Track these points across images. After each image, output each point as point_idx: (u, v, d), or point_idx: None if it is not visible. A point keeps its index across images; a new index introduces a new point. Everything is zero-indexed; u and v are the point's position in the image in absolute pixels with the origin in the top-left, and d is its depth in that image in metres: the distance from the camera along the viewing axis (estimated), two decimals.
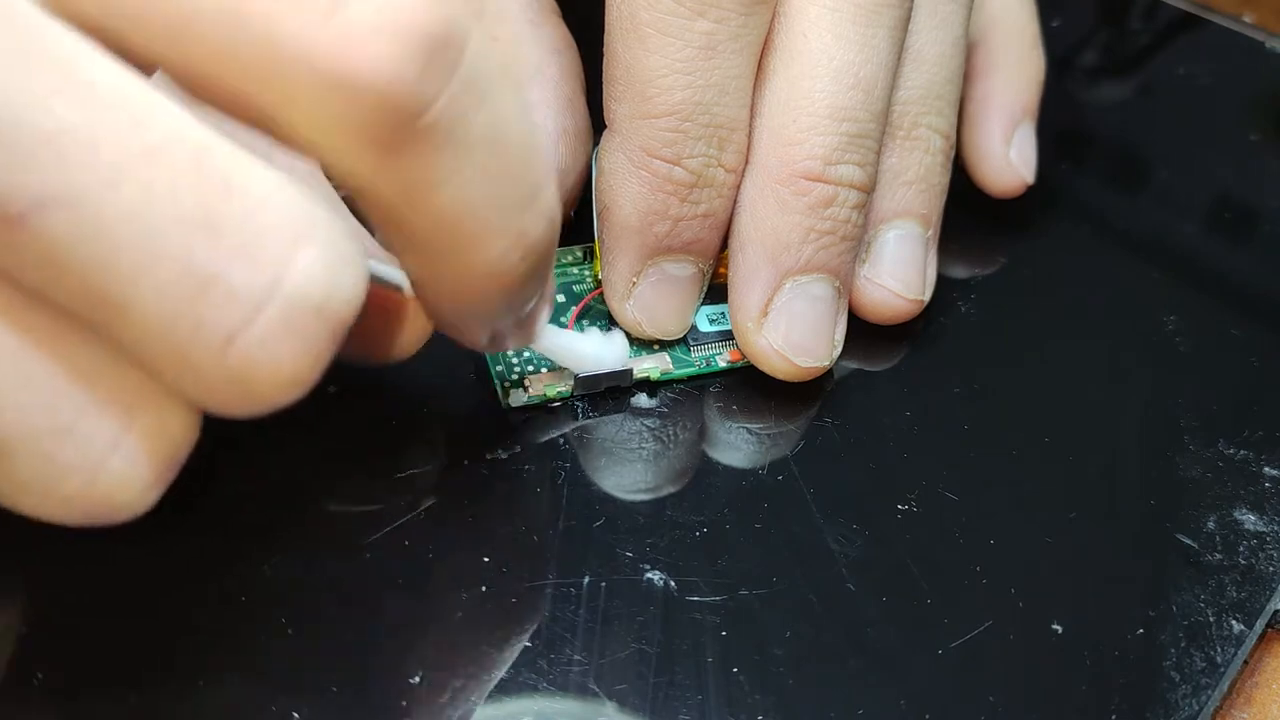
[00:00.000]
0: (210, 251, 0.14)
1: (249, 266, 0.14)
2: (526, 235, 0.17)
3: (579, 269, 0.25)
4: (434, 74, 0.15)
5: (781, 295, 0.22)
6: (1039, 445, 0.23)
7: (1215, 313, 0.27)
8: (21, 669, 0.18)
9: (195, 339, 0.14)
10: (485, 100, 0.16)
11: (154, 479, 0.16)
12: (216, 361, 0.14)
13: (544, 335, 0.20)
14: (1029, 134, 0.28)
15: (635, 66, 0.21)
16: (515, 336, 0.19)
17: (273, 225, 0.14)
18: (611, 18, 0.22)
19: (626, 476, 0.21)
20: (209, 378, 0.14)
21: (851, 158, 0.22)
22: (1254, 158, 0.32)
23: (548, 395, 0.22)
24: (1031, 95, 0.28)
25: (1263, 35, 0.35)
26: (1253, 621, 0.20)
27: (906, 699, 0.19)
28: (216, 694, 0.18)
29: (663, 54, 0.21)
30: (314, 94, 0.14)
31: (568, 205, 0.25)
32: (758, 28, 0.22)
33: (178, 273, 0.14)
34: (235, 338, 0.14)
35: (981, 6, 0.27)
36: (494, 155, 0.16)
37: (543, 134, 0.17)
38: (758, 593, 0.20)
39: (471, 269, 0.17)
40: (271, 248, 0.14)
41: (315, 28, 0.14)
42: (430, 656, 0.18)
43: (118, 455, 0.15)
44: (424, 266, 0.17)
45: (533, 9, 0.25)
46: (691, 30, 0.21)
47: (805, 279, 0.22)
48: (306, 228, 0.14)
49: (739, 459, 0.22)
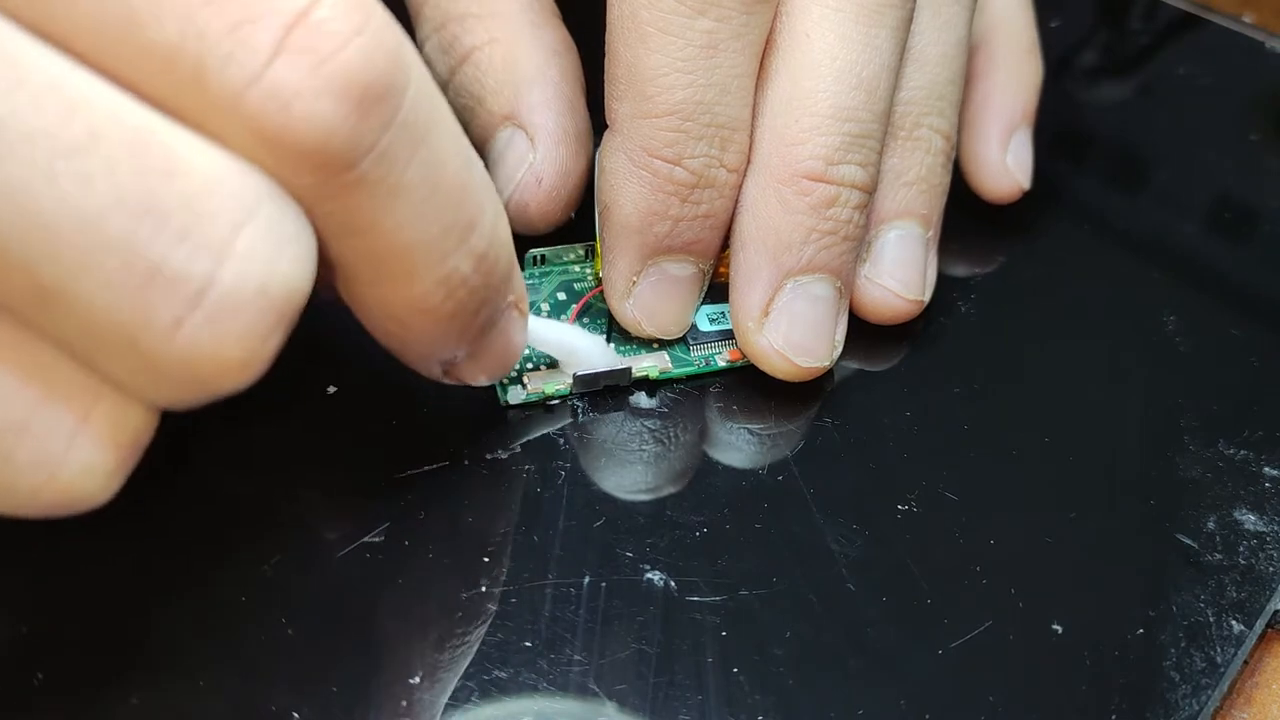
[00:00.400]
0: (152, 238, 0.14)
1: (191, 251, 0.14)
2: (455, 273, 0.17)
3: (580, 267, 0.25)
4: (368, 129, 0.15)
5: (783, 295, 0.22)
6: (1039, 445, 0.23)
7: (1215, 313, 0.27)
8: (21, 669, 0.18)
9: (142, 328, 0.14)
10: (421, 145, 0.16)
11: (115, 467, 0.15)
12: (164, 349, 0.14)
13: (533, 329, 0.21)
14: (1026, 140, 0.28)
15: (636, 65, 0.21)
16: (469, 369, 0.19)
17: (214, 207, 0.14)
18: (612, 16, 0.22)
19: (626, 476, 0.21)
20: (157, 366, 0.14)
21: (854, 158, 0.22)
22: (1254, 158, 0.32)
23: (546, 393, 0.22)
24: (1029, 101, 0.28)
25: (1263, 35, 0.35)
26: (1253, 621, 0.20)
27: (906, 699, 0.19)
28: (216, 694, 0.18)
29: (664, 53, 0.21)
30: (245, 142, 0.14)
31: (569, 207, 0.25)
32: (759, 26, 0.22)
33: (121, 262, 0.14)
34: (181, 324, 0.14)
35: (980, 10, 0.27)
36: (426, 197, 0.16)
37: (479, 171, 0.17)
38: (758, 593, 0.20)
39: (398, 302, 0.17)
40: (213, 230, 0.14)
41: (245, 83, 0.14)
42: (430, 656, 0.18)
43: (76, 448, 0.15)
44: (353, 293, 0.17)
45: (533, 10, 0.25)
46: (693, 29, 0.21)
47: (806, 279, 0.22)
48: (249, 208, 0.14)
49: (739, 459, 0.22)
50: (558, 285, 0.24)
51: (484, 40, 0.24)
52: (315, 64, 0.14)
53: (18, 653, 0.18)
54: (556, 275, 0.24)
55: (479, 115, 0.25)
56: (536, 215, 0.24)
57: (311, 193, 0.15)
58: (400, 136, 0.15)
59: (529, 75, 0.24)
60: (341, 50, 0.14)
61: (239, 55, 0.14)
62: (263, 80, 0.14)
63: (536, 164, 0.24)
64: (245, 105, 0.14)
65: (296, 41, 0.14)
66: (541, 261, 0.24)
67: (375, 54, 0.15)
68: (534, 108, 0.24)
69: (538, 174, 0.24)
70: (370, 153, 0.15)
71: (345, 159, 0.15)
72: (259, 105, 0.14)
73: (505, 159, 0.24)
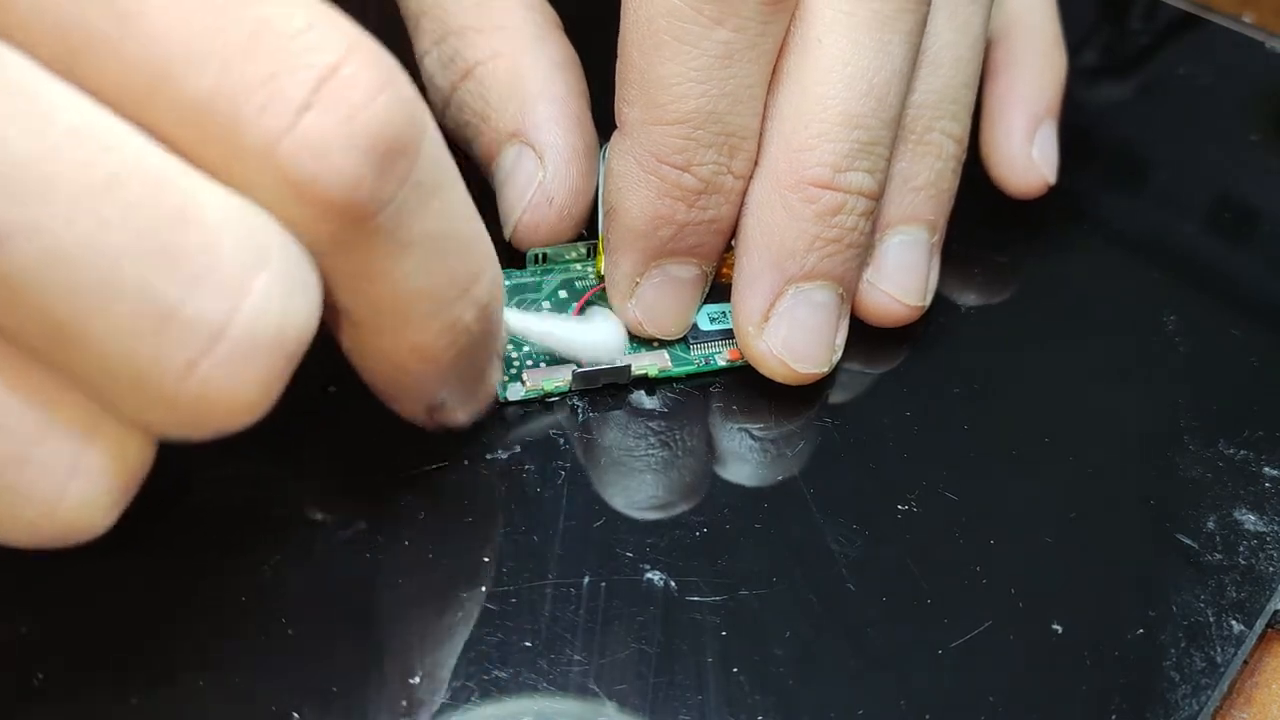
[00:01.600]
0: (168, 282, 0.14)
1: (206, 296, 0.14)
2: (458, 322, 0.18)
3: (582, 265, 0.25)
4: (388, 183, 0.15)
5: (784, 301, 0.22)
6: (1039, 445, 0.23)
7: (1215, 313, 0.27)
8: (21, 669, 0.18)
9: (154, 370, 0.14)
10: (434, 198, 0.16)
11: (113, 501, 0.16)
12: (174, 391, 0.14)
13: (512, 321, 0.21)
14: (1051, 133, 0.27)
15: (650, 72, 0.21)
16: (453, 412, 0.20)
17: (229, 254, 0.14)
18: (628, 20, 0.21)
19: (626, 476, 0.21)
20: (167, 406, 0.15)
21: (862, 165, 0.22)
22: (1254, 158, 0.32)
23: (545, 390, 0.22)
24: (1054, 94, 0.27)
25: (1263, 35, 0.35)
26: (1253, 621, 0.20)
27: (906, 699, 0.19)
28: (216, 694, 0.18)
29: (678, 61, 0.21)
30: (270, 189, 0.15)
31: (580, 225, 0.24)
32: (775, 35, 0.22)
33: (136, 305, 0.14)
34: (194, 367, 0.14)
35: (1002, 3, 0.27)
36: (434, 249, 0.17)
37: (481, 224, 0.18)
38: (758, 593, 0.20)
39: (402, 349, 0.18)
40: (227, 276, 0.14)
41: (279, 133, 0.14)
42: (430, 656, 0.18)
43: (76, 480, 0.15)
44: (356, 340, 0.18)
45: (534, 23, 0.25)
46: (709, 39, 0.21)
47: (809, 285, 0.22)
48: (262, 254, 0.15)
49: (739, 459, 0.22)
50: (559, 284, 0.24)
51: (486, 55, 0.24)
52: (346, 117, 0.15)
53: (18, 653, 0.18)
54: (558, 273, 0.24)
55: (484, 132, 0.24)
56: (548, 235, 0.24)
57: (328, 241, 0.15)
58: (417, 189, 0.16)
59: (534, 91, 0.24)
60: (369, 105, 0.15)
61: (273, 106, 0.14)
62: (295, 131, 0.14)
63: (547, 183, 0.24)
64: (278, 154, 0.14)
65: (328, 95, 0.14)
66: (543, 260, 0.24)
67: (397, 110, 0.15)
68: (541, 125, 0.24)
69: (549, 194, 0.24)
70: (389, 204, 0.15)
71: (367, 209, 0.15)
72: (292, 155, 0.14)
73: (514, 178, 0.24)
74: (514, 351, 0.23)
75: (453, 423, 0.20)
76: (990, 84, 0.27)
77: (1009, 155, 0.27)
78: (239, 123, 0.14)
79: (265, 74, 0.14)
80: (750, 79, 0.21)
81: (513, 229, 0.24)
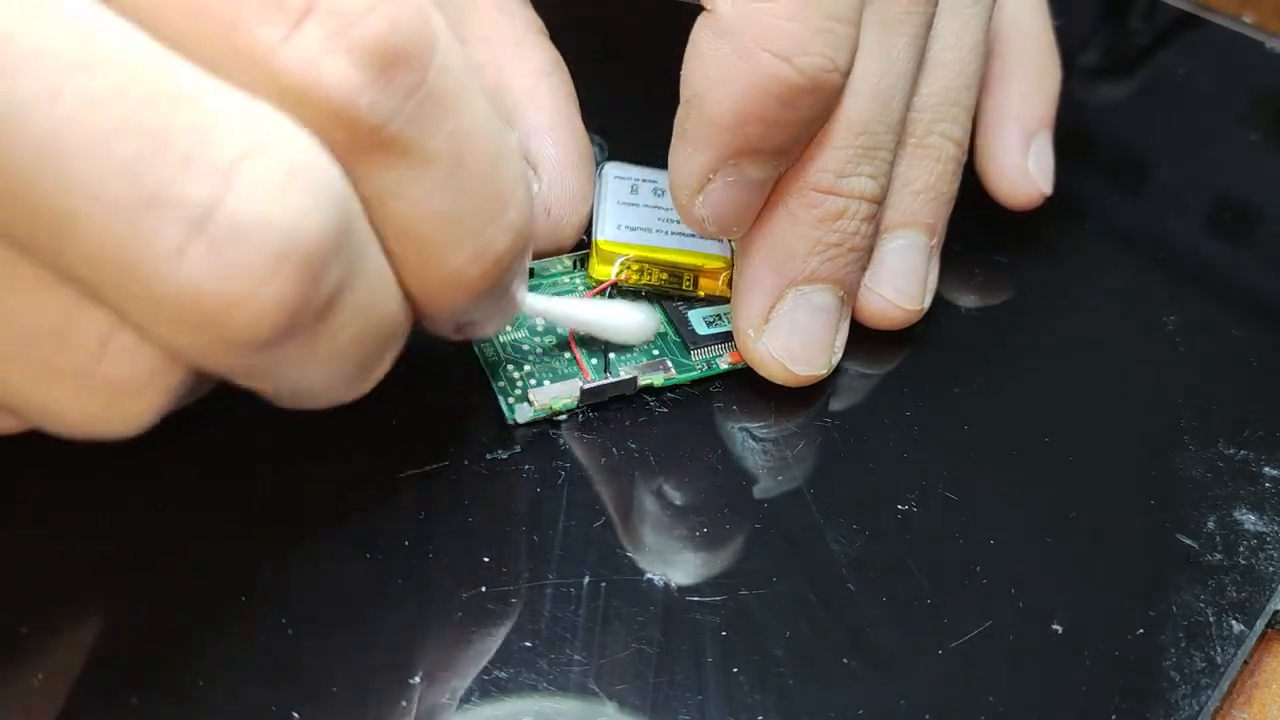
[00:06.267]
0: (157, 162, 0.13)
1: (194, 177, 0.14)
2: (489, 250, 0.17)
3: (570, 277, 0.24)
4: (390, 93, 0.15)
5: (784, 304, 0.22)
6: (1039, 445, 0.23)
7: (1215, 313, 0.27)
8: (21, 669, 0.18)
9: (144, 255, 0.14)
10: (449, 115, 0.16)
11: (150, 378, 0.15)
12: (168, 279, 0.14)
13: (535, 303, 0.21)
14: (1046, 145, 0.27)
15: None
16: (481, 326, 0.19)
17: (221, 134, 0.14)
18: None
19: (627, 476, 0.21)
20: (164, 301, 0.14)
21: (864, 170, 0.22)
22: (1254, 158, 0.32)
23: (553, 409, 0.22)
24: (1048, 106, 0.27)
25: (1263, 35, 0.35)
26: (1253, 621, 0.20)
27: (906, 699, 0.19)
28: (216, 694, 0.18)
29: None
30: (277, 95, 0.14)
31: (578, 233, 0.24)
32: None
33: (123, 185, 0.13)
34: (184, 252, 0.14)
35: (996, 12, 0.27)
36: (457, 169, 0.16)
37: (513, 145, 0.17)
38: (758, 593, 0.20)
39: (431, 277, 0.17)
40: (218, 156, 0.14)
41: (277, 40, 0.14)
42: (430, 656, 0.18)
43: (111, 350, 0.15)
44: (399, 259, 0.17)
45: (516, 30, 0.24)
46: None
47: (809, 289, 0.22)
48: (259, 139, 0.14)
49: (739, 459, 0.22)
50: (550, 295, 0.24)
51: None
52: (343, 26, 0.14)
53: (18, 653, 0.18)
54: (546, 287, 0.24)
55: None
56: (547, 245, 0.24)
57: (342, 152, 0.15)
58: (427, 103, 0.15)
59: (522, 100, 0.24)
60: (370, 14, 0.15)
61: (271, 15, 0.14)
62: (292, 39, 0.14)
63: (543, 193, 0.23)
64: (275, 62, 0.14)
65: (327, 3, 0.14)
66: (530, 275, 0.24)
67: (403, 19, 0.15)
68: (531, 135, 0.24)
69: (545, 204, 0.23)
70: (396, 116, 0.15)
71: (370, 120, 0.15)
72: (288, 63, 0.14)
73: None
74: (516, 372, 0.23)
75: (479, 336, 0.20)
76: (984, 97, 0.27)
77: (1005, 168, 0.27)
78: (237, 30, 0.14)
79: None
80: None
81: None
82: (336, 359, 0.16)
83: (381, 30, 0.15)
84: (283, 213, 0.14)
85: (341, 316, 0.16)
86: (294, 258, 0.14)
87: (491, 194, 0.17)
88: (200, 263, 0.14)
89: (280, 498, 0.20)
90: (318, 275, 0.15)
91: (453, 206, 0.16)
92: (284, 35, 0.14)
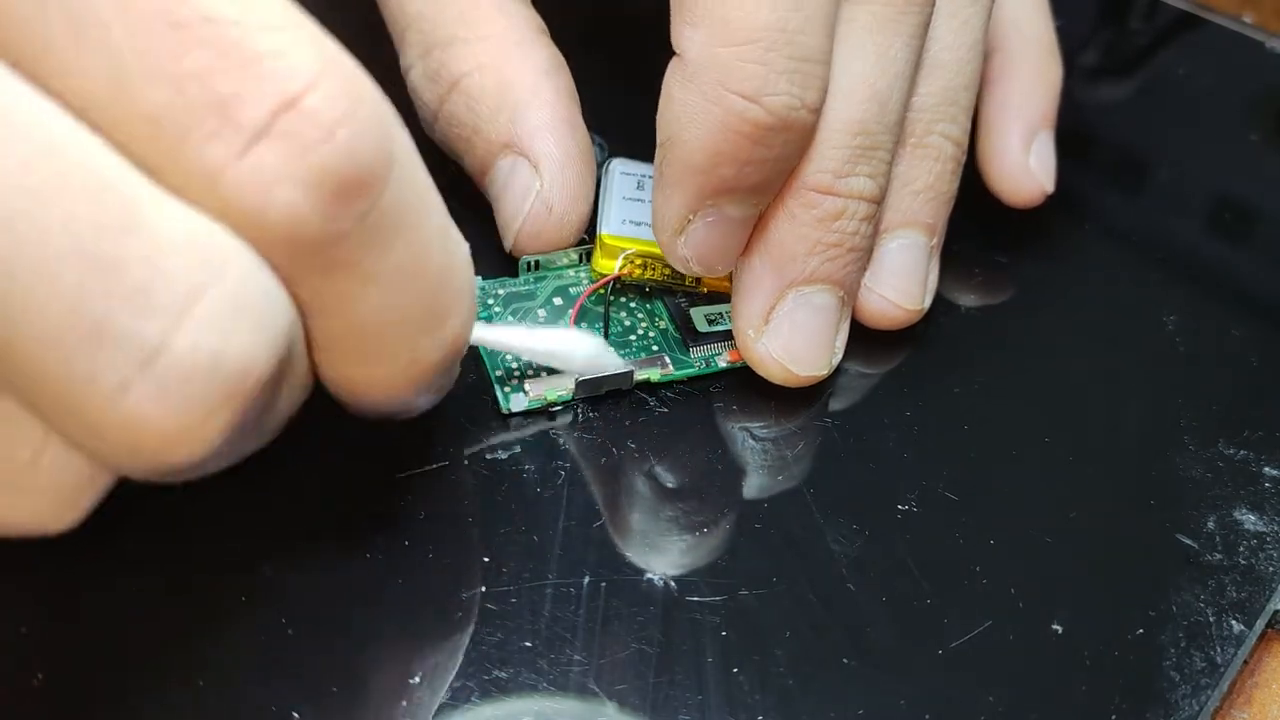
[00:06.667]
0: (106, 294, 0.13)
1: (145, 312, 0.13)
2: (422, 360, 0.17)
3: (574, 271, 0.24)
4: (341, 219, 0.14)
5: (784, 304, 0.22)
6: (1039, 445, 0.23)
7: (1215, 313, 0.27)
8: (21, 669, 0.18)
9: (87, 388, 0.13)
10: (400, 234, 0.15)
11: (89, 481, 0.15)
12: (107, 412, 0.14)
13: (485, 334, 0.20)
14: (1048, 142, 0.27)
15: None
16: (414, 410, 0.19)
17: (175, 268, 0.13)
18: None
19: (626, 476, 0.21)
20: (100, 429, 0.14)
21: (863, 170, 0.22)
22: (1254, 158, 0.32)
23: (548, 399, 0.22)
24: (1050, 104, 0.27)
25: (1263, 35, 0.35)
26: (1253, 621, 0.20)
27: (906, 699, 0.19)
28: (216, 694, 0.18)
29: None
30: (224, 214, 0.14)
31: (581, 230, 0.24)
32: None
33: (71, 315, 0.13)
34: (128, 388, 0.13)
35: (995, 10, 0.27)
36: (400, 285, 0.16)
37: (463, 256, 0.17)
38: (758, 593, 0.20)
39: (359, 378, 0.17)
40: (170, 292, 0.13)
41: (225, 160, 0.14)
42: (430, 656, 0.18)
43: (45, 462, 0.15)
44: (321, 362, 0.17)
45: (518, 30, 0.24)
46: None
47: (809, 289, 0.22)
48: (214, 272, 0.14)
49: (739, 459, 0.22)
50: (553, 291, 0.24)
51: (472, 66, 0.24)
52: (298, 152, 0.14)
53: (18, 653, 0.18)
54: (551, 280, 0.24)
55: (476, 145, 0.24)
56: (549, 242, 0.24)
57: (285, 270, 0.15)
58: (378, 225, 0.15)
59: (523, 99, 0.24)
60: (327, 141, 0.14)
61: (224, 132, 0.14)
62: (244, 160, 0.14)
63: (544, 191, 0.23)
64: (223, 183, 0.14)
65: (284, 126, 0.14)
66: (536, 268, 0.24)
67: (360, 145, 0.14)
68: (533, 133, 0.24)
69: (547, 202, 0.24)
70: (346, 240, 0.15)
71: (316, 244, 0.14)
72: (235, 185, 0.14)
73: (510, 189, 0.24)
74: (514, 362, 0.23)
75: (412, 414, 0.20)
76: (985, 95, 0.27)
77: (1007, 166, 0.27)
78: (186, 144, 0.14)
79: (222, 96, 0.14)
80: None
81: (513, 240, 0.24)
82: (257, 439, 0.17)
83: (338, 160, 0.14)
84: (232, 352, 0.14)
85: (270, 413, 0.16)
86: (240, 392, 0.14)
87: (433, 307, 0.17)
88: (145, 400, 0.13)
89: (280, 497, 0.20)
90: (259, 401, 0.15)
91: (392, 320, 0.16)
92: (236, 154, 0.14)
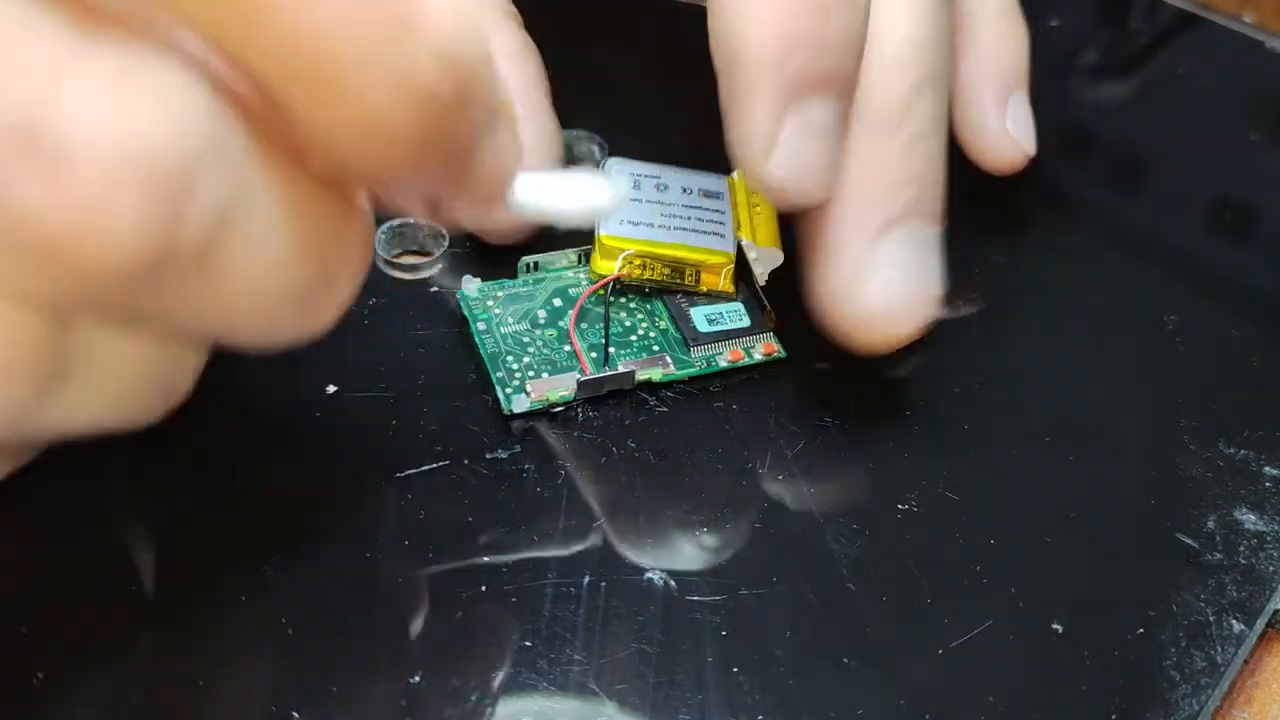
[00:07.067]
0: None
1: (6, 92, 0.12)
2: (411, 78, 0.14)
3: (574, 272, 0.24)
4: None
5: (886, 244, 0.21)
6: (1039, 445, 0.23)
7: (1215, 313, 0.27)
8: (21, 669, 0.18)
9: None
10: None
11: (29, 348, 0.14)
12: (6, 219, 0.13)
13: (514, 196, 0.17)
14: (1023, 103, 0.27)
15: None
16: (459, 206, 0.17)
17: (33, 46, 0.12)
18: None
19: (626, 476, 0.21)
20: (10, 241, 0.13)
21: (927, 93, 0.21)
22: (1254, 158, 0.32)
23: (550, 400, 0.22)
24: (1019, 64, 0.27)
25: (1263, 35, 0.35)
26: (1253, 621, 0.20)
27: (906, 699, 0.19)
28: (216, 694, 0.18)
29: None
30: None
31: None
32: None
33: None
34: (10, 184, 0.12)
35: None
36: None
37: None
38: (758, 593, 0.20)
39: (347, 123, 0.14)
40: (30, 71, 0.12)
41: None
42: (430, 656, 0.18)
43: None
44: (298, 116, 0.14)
45: (485, 11, 0.24)
46: None
47: (907, 225, 0.21)
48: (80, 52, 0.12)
49: (739, 459, 0.22)
50: (552, 292, 0.24)
51: None
52: None
53: (18, 653, 0.18)
54: (550, 282, 0.24)
55: None
56: (514, 234, 0.24)
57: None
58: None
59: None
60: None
61: None
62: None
63: None
64: None
65: None
66: (534, 269, 0.24)
67: None
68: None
69: None
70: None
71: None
72: None
73: None
74: (516, 363, 0.23)
75: (465, 221, 0.18)
76: (954, 67, 0.26)
77: (984, 132, 0.26)
78: None
79: None
80: None
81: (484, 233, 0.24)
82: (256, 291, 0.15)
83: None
84: (122, 125, 0.12)
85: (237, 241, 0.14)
86: (139, 176, 0.13)
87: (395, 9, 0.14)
88: (31, 191, 0.12)
89: (280, 497, 0.20)
90: (176, 194, 0.13)
91: (343, 17, 0.13)
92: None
